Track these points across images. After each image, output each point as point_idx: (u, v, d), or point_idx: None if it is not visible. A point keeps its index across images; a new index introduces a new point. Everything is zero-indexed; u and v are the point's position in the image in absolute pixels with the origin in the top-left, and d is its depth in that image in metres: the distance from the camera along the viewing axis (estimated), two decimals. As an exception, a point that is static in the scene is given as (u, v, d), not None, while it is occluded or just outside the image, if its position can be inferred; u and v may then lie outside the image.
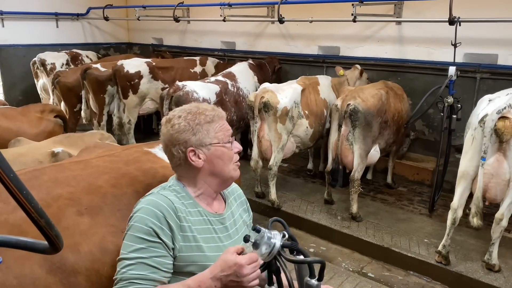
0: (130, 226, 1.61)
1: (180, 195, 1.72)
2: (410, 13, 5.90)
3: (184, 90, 5.56)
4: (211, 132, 1.72)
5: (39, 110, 4.57)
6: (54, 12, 9.22)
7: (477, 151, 3.76)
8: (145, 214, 1.60)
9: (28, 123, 4.29)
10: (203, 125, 1.70)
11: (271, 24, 7.60)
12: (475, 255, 4.26)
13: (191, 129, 1.69)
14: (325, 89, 5.77)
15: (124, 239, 1.61)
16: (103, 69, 7.05)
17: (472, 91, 5.50)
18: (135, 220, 1.61)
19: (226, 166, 1.75)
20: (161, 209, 1.61)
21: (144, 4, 8.81)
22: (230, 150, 1.76)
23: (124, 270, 1.55)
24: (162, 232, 1.58)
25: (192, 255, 1.64)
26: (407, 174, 6.25)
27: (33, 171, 1.97)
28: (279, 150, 5.20)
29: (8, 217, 1.63)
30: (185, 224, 1.65)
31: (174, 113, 1.76)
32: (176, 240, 1.61)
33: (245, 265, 1.47)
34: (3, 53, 8.66)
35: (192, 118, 1.71)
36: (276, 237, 1.51)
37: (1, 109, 4.47)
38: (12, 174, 0.96)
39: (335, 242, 4.84)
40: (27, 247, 1.17)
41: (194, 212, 1.71)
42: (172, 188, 1.74)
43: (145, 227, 1.58)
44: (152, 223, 1.58)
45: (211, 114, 1.74)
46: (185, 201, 1.71)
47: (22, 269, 1.55)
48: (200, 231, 1.69)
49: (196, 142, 1.70)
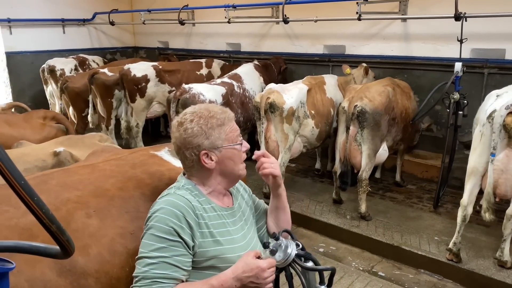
0: (150, 225, 1.66)
1: (193, 193, 1.79)
2: (415, 10, 5.87)
3: (191, 93, 5.59)
4: (222, 134, 1.78)
5: (41, 116, 4.62)
6: (61, 18, 9.31)
7: (486, 147, 3.73)
8: (165, 214, 1.65)
9: (30, 129, 4.33)
10: (215, 129, 1.76)
11: (275, 24, 7.60)
12: (486, 252, 4.22)
13: (204, 134, 1.75)
14: (331, 88, 5.76)
15: (143, 238, 1.67)
16: (110, 73, 7.10)
17: (480, 86, 5.46)
18: (155, 220, 1.66)
19: (236, 166, 1.84)
20: (180, 208, 1.67)
21: (149, 8, 8.86)
22: (239, 151, 1.84)
23: (146, 268, 1.60)
24: (182, 231, 1.65)
25: (210, 250, 1.72)
26: (416, 171, 6.21)
27: (42, 176, 1.99)
28: (286, 151, 5.20)
29: (19, 221, 1.66)
30: (201, 221, 1.72)
31: (185, 116, 1.80)
32: (195, 237, 1.68)
33: (265, 269, 1.61)
34: (12, 60, 8.75)
35: (204, 122, 1.76)
36: (291, 246, 1.68)
37: (4, 116, 4.51)
38: (23, 181, 0.97)
39: (345, 241, 4.82)
40: (39, 252, 1.19)
41: (208, 208, 1.78)
42: (186, 187, 1.80)
43: (166, 227, 1.63)
44: (172, 222, 1.64)
45: (222, 117, 1.79)
46: (199, 199, 1.78)
47: (33, 272, 1.57)
48: (215, 226, 1.76)
49: (209, 146, 1.76)
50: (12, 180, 0.96)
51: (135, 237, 1.84)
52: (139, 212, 1.92)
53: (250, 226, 1.97)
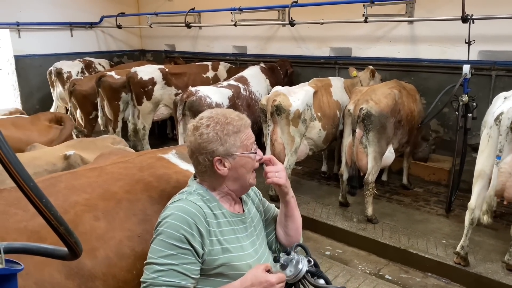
0: (160, 231, 1.64)
1: (205, 198, 1.77)
2: (422, 12, 5.85)
3: (197, 95, 5.60)
4: (238, 142, 1.75)
5: (48, 118, 4.66)
6: (69, 21, 9.39)
7: (494, 150, 3.70)
8: (176, 221, 1.63)
9: (37, 131, 4.36)
10: (231, 136, 1.74)
11: (282, 27, 7.61)
12: (494, 255, 4.18)
13: (219, 140, 1.72)
14: (337, 91, 5.75)
15: (153, 243, 1.65)
16: (117, 76, 7.14)
17: (488, 89, 5.42)
18: (165, 225, 1.64)
19: (248, 174, 1.81)
20: (192, 215, 1.65)
21: (156, 11, 8.91)
22: (253, 160, 1.81)
23: (154, 275, 1.58)
24: (192, 238, 1.63)
25: (219, 258, 1.69)
26: (423, 174, 6.18)
27: (50, 178, 2.01)
28: (293, 153, 5.20)
29: (28, 224, 1.67)
30: (212, 228, 1.70)
31: (201, 121, 1.77)
32: (205, 245, 1.66)
33: (274, 284, 1.58)
34: (20, 63, 8.84)
35: (220, 128, 1.73)
36: (303, 262, 1.64)
37: (12, 119, 4.56)
38: (32, 183, 0.98)
39: (351, 244, 4.80)
40: (47, 253, 1.20)
41: (219, 214, 1.77)
42: (197, 192, 1.78)
43: (176, 234, 1.61)
44: (183, 229, 1.62)
45: (239, 124, 1.77)
46: (210, 204, 1.76)
47: (41, 275, 1.58)
48: (225, 233, 1.75)
49: (223, 152, 1.74)
50: (21, 182, 0.97)
51: (142, 240, 1.85)
52: (146, 215, 1.93)
53: (259, 232, 1.94)
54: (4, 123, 4.31)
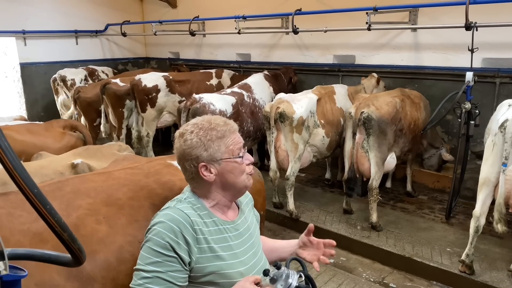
0: (148, 238, 1.66)
1: (195, 206, 1.76)
2: (425, 20, 5.87)
3: (201, 103, 5.62)
4: (222, 147, 1.74)
5: (61, 125, 4.73)
6: (74, 29, 9.48)
7: (498, 157, 3.69)
8: (162, 228, 1.64)
9: (51, 138, 4.43)
10: (214, 141, 1.73)
11: (285, 35, 7.65)
12: (500, 264, 4.15)
13: (203, 145, 1.72)
14: (341, 98, 5.75)
15: (142, 249, 1.66)
16: (122, 83, 7.19)
17: (492, 96, 5.41)
18: (153, 233, 1.65)
19: (237, 178, 1.78)
20: (178, 223, 1.65)
21: (160, 19, 8.98)
22: (241, 164, 1.78)
23: (141, 281, 1.60)
24: (178, 246, 1.63)
25: (209, 266, 1.68)
26: (427, 182, 6.16)
27: (57, 182, 2.04)
28: (296, 160, 5.19)
29: (31, 226, 1.70)
30: (201, 236, 1.69)
31: (187, 127, 1.79)
32: (192, 253, 1.65)
33: None
34: (26, 70, 8.92)
35: (203, 134, 1.73)
36: (293, 277, 1.59)
37: (26, 125, 4.63)
38: (36, 189, 0.99)
39: (355, 252, 4.77)
40: (51, 260, 1.20)
41: (209, 223, 1.75)
42: (188, 200, 1.78)
43: (162, 241, 1.62)
44: (169, 237, 1.62)
45: (223, 129, 1.75)
46: (201, 212, 1.75)
47: (42, 276, 1.61)
48: (216, 240, 1.73)
49: (207, 158, 1.73)
50: (26, 188, 0.97)
51: None
52: (148, 221, 1.93)
53: (255, 240, 1.91)
54: (19, 129, 4.39)
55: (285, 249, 2.07)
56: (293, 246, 2.03)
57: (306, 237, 1.98)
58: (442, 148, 5.83)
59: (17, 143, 4.06)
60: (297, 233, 5.13)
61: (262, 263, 1.89)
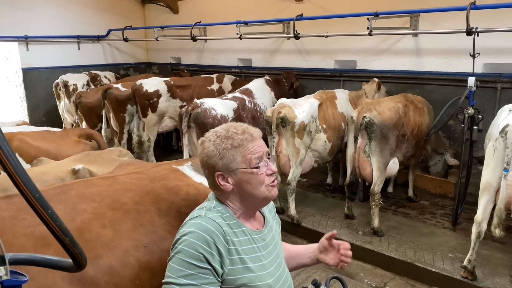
0: (179, 249, 1.58)
1: (224, 215, 1.69)
2: (426, 25, 5.88)
3: (202, 107, 5.63)
4: (238, 157, 1.67)
5: (77, 134, 4.78)
6: (76, 35, 9.53)
7: (500, 162, 3.68)
8: (194, 239, 1.57)
9: (66, 146, 4.44)
10: (229, 150, 1.67)
11: (286, 40, 7.67)
12: (502, 269, 4.13)
13: (218, 154, 1.67)
14: (342, 103, 5.76)
15: (171, 261, 1.58)
16: (123, 88, 7.20)
17: (493, 101, 5.41)
18: (184, 243, 1.57)
19: (256, 189, 1.70)
20: (211, 234, 1.59)
21: (162, 25, 9.02)
22: (258, 175, 1.69)
23: None
24: (212, 257, 1.56)
25: (240, 278, 1.62)
26: (429, 187, 6.15)
27: (62, 186, 2.03)
28: (298, 165, 5.19)
29: (34, 230, 1.69)
30: (232, 247, 1.63)
31: (208, 135, 1.75)
32: (224, 264, 1.59)
33: None
34: (28, 76, 8.95)
35: (219, 142, 1.68)
36: None
37: (41, 133, 4.66)
38: (37, 194, 0.99)
39: (357, 257, 4.75)
40: (52, 265, 1.20)
41: (239, 233, 1.69)
42: (217, 209, 1.71)
43: (195, 253, 1.55)
44: (202, 248, 1.55)
45: (239, 138, 1.68)
46: (230, 222, 1.69)
47: (45, 281, 1.59)
48: (246, 251, 1.67)
49: (223, 167, 1.67)
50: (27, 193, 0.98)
51: (148, 251, 1.84)
52: (153, 226, 1.92)
53: (279, 250, 1.85)
54: (35, 136, 4.42)
55: (305, 255, 2.04)
56: (313, 251, 2.00)
57: (327, 241, 1.95)
58: (446, 153, 5.81)
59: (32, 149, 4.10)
60: (298, 238, 5.11)
61: (286, 274, 1.83)
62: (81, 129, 5.19)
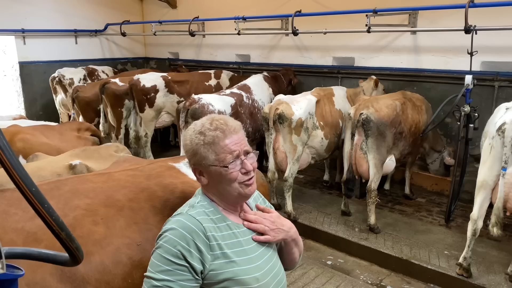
0: (159, 245, 1.61)
1: (208, 210, 1.70)
2: (425, 22, 5.88)
3: (200, 103, 5.62)
4: (210, 154, 1.66)
5: (75, 128, 4.69)
6: (73, 29, 9.47)
7: (496, 160, 3.69)
8: (174, 236, 1.59)
9: (66, 141, 4.37)
10: (201, 146, 1.67)
11: (285, 36, 7.65)
12: (497, 267, 4.15)
13: (192, 150, 1.69)
14: (340, 100, 5.76)
15: (152, 256, 1.62)
16: (121, 83, 7.18)
17: (491, 99, 5.42)
18: (164, 240, 1.60)
19: (228, 186, 1.69)
20: (190, 231, 1.60)
21: (160, 20, 8.98)
22: (229, 173, 1.66)
23: None
24: (189, 255, 1.58)
25: (223, 272, 1.63)
26: (425, 184, 6.17)
27: (56, 181, 2.01)
28: (295, 162, 5.19)
29: (25, 225, 1.67)
30: (213, 243, 1.63)
31: (190, 126, 1.77)
32: (205, 261, 1.60)
33: None
34: (25, 69, 8.90)
35: (194, 137, 1.69)
36: None
37: (40, 128, 4.59)
38: (34, 188, 0.98)
39: (353, 254, 4.77)
40: (48, 259, 1.19)
41: (223, 227, 1.69)
42: (200, 204, 1.72)
43: (173, 249, 1.57)
44: (180, 245, 1.57)
45: (210, 135, 1.66)
46: (214, 216, 1.70)
47: (34, 277, 1.57)
48: (230, 245, 1.67)
49: (196, 162, 1.70)
50: (23, 186, 0.97)
51: (142, 249, 1.81)
52: (147, 224, 1.89)
53: (271, 244, 1.82)
54: (33, 131, 4.36)
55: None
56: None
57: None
58: (444, 151, 5.81)
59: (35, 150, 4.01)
60: (295, 234, 5.12)
61: (278, 268, 1.81)
62: (80, 123, 5.11)
